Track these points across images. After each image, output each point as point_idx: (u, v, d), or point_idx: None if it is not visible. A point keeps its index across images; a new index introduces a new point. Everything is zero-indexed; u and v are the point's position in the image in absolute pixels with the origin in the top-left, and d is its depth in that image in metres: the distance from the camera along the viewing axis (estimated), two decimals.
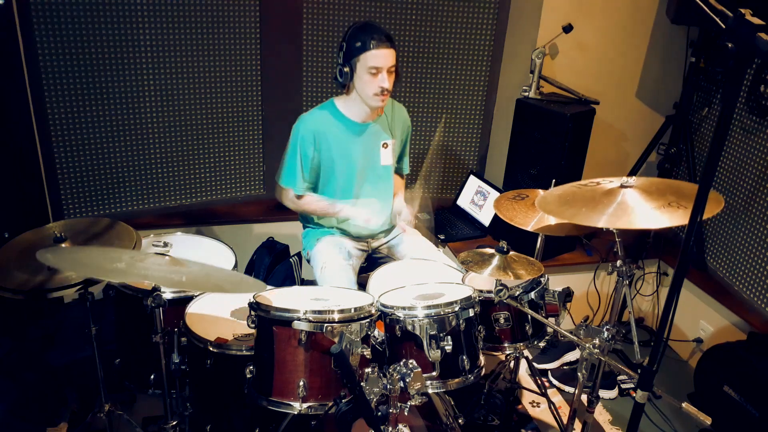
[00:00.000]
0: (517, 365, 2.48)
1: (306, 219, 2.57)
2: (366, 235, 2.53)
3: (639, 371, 1.38)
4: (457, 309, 1.81)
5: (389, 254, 2.58)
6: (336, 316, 1.68)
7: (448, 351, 1.78)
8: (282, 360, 1.69)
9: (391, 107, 2.45)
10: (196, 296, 2.07)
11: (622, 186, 1.76)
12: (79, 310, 2.52)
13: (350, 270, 2.32)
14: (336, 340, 1.65)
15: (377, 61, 2.17)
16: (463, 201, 3.37)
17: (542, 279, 2.11)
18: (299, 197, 2.41)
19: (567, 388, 2.75)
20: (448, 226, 3.24)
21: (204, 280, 1.70)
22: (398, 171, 2.65)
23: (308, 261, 2.55)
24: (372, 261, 2.58)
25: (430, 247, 2.53)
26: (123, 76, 2.89)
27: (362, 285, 2.32)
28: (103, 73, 2.85)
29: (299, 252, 2.82)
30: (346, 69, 2.22)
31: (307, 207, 2.44)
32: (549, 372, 2.83)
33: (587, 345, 1.74)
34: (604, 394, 2.74)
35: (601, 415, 2.62)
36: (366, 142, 2.39)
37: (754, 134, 2.70)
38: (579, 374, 1.80)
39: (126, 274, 1.57)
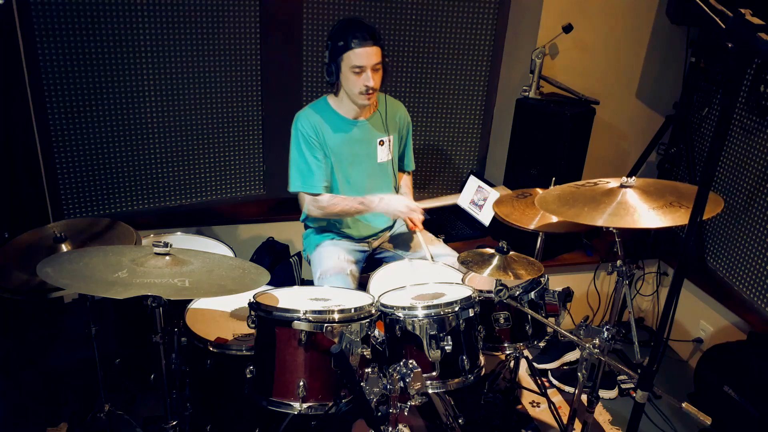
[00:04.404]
0: (517, 365, 2.48)
1: (307, 220, 2.56)
2: (367, 235, 2.53)
3: (639, 371, 1.38)
4: (457, 309, 1.81)
5: (390, 252, 2.58)
6: (336, 316, 1.68)
7: (448, 351, 1.78)
8: (282, 360, 1.69)
9: (385, 104, 2.42)
10: None
11: (621, 186, 1.76)
12: (79, 310, 2.52)
13: (348, 278, 2.30)
14: (336, 340, 1.65)
15: (360, 60, 2.15)
16: (463, 201, 3.37)
17: (542, 279, 2.11)
18: (321, 200, 2.32)
19: (567, 388, 2.75)
20: (448, 226, 3.24)
21: (207, 282, 1.70)
22: (403, 168, 2.64)
23: (308, 263, 2.55)
24: (373, 260, 2.58)
25: (432, 242, 2.52)
26: (123, 76, 2.89)
27: (362, 285, 2.32)
28: (103, 73, 2.85)
29: (299, 252, 2.82)
30: (332, 68, 2.22)
31: (335, 209, 2.33)
32: (549, 372, 2.83)
33: (587, 345, 1.74)
34: (604, 394, 2.74)
35: (601, 415, 2.62)
36: (360, 139, 2.38)
37: (754, 134, 2.70)
38: (579, 374, 1.80)
39: (128, 286, 1.56)
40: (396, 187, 2.55)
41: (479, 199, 3.27)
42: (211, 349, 1.87)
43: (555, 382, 2.79)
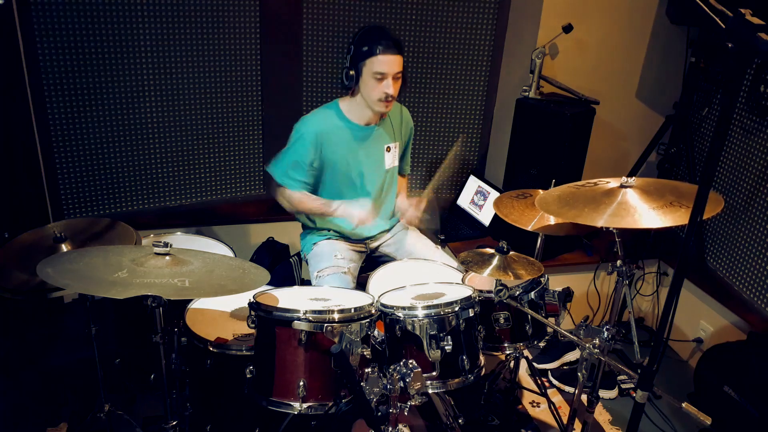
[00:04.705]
0: (517, 365, 2.48)
1: (305, 219, 2.56)
2: (365, 237, 2.53)
3: (639, 371, 1.38)
4: (457, 309, 1.81)
5: (389, 254, 2.58)
6: (336, 316, 1.68)
7: (448, 351, 1.78)
8: (282, 360, 1.69)
9: (400, 112, 2.46)
10: None
11: (621, 186, 1.76)
12: (79, 310, 2.52)
13: (346, 278, 2.30)
14: (336, 340, 1.65)
15: (383, 67, 2.16)
16: (463, 201, 3.37)
17: (542, 279, 2.11)
18: (292, 196, 2.37)
19: (567, 388, 2.75)
20: (448, 226, 3.24)
21: (207, 282, 1.70)
22: (400, 171, 2.64)
23: (306, 262, 2.55)
24: (372, 261, 2.58)
25: (430, 246, 2.52)
26: (123, 76, 2.89)
27: (362, 285, 2.32)
28: (103, 73, 2.85)
29: (299, 252, 2.82)
30: (352, 72, 2.22)
31: (302, 206, 2.40)
32: (549, 372, 2.83)
33: (587, 345, 1.74)
34: (604, 394, 2.74)
35: (601, 415, 2.62)
36: (369, 145, 2.38)
37: (754, 134, 2.70)
38: (579, 374, 1.80)
39: (128, 286, 1.56)
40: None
41: (479, 199, 3.27)
42: (211, 349, 1.87)
43: (555, 382, 2.79)
